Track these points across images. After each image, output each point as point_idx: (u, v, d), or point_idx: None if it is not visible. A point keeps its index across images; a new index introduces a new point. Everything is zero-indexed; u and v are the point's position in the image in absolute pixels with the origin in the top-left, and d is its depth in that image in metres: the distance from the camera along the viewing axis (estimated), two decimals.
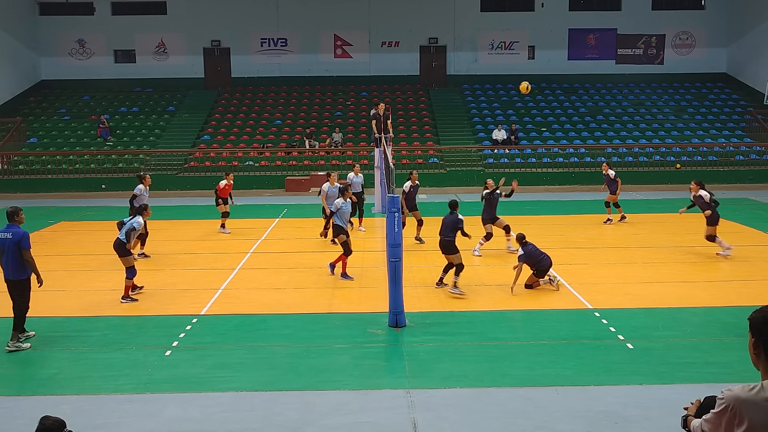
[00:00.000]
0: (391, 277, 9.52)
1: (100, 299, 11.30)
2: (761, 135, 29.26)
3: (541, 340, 9.09)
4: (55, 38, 33.16)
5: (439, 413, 6.98)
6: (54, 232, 17.80)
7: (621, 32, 33.28)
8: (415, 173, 16.17)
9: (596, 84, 33.69)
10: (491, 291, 11.60)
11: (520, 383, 7.69)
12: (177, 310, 10.69)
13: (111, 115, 30.97)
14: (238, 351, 8.87)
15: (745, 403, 2.99)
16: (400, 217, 9.54)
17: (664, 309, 10.42)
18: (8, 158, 27.54)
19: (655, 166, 27.21)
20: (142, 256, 14.22)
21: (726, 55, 33.79)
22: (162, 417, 6.99)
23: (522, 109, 31.58)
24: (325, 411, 7.06)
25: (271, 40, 33.43)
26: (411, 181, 15.78)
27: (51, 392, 7.64)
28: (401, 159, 27.47)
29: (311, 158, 28.09)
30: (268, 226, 18.23)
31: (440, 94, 33.05)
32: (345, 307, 10.75)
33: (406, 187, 15.69)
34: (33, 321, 9.98)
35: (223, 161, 27.44)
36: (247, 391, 7.58)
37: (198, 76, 33.66)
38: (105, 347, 9.03)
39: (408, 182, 15.79)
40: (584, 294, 11.23)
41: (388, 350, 8.94)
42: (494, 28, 33.42)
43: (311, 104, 32.51)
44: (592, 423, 6.73)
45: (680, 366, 8.17)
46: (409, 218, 15.84)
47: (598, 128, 30.03)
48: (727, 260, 13.58)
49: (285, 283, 12.28)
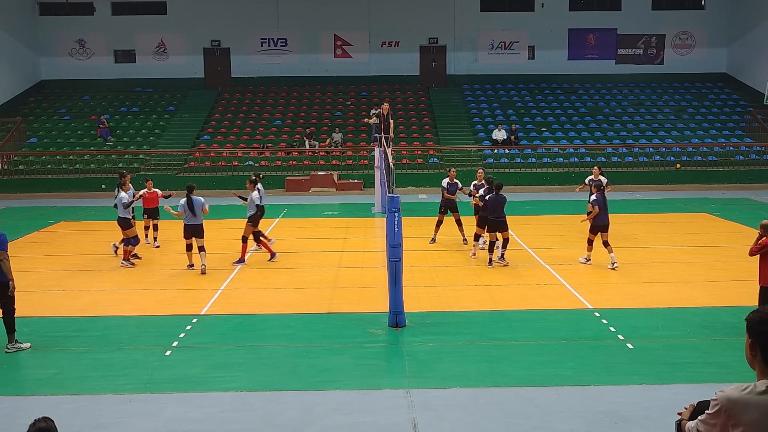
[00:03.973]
0: (391, 277, 9.52)
1: (100, 299, 11.30)
2: (761, 135, 29.26)
3: (541, 340, 9.09)
4: (55, 38, 33.14)
5: (439, 413, 6.98)
6: (54, 232, 17.79)
7: (621, 32, 33.28)
8: (453, 170, 15.56)
9: (596, 84, 33.69)
10: (491, 291, 11.60)
11: (520, 383, 7.69)
12: (177, 310, 10.69)
13: (111, 115, 30.97)
14: (238, 351, 8.87)
15: (737, 403, 2.98)
16: (400, 217, 9.52)
17: (664, 309, 10.42)
18: (8, 158, 27.54)
19: (655, 166, 27.21)
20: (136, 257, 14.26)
21: (726, 55, 33.79)
22: (162, 417, 6.99)
23: (522, 109, 31.59)
24: (325, 411, 7.06)
25: (271, 40, 33.43)
26: (449, 179, 15.23)
27: (51, 392, 7.64)
28: (401, 159, 27.47)
29: (311, 158, 28.10)
30: (268, 226, 18.21)
31: (440, 94, 33.05)
32: (345, 307, 10.75)
33: (444, 183, 15.18)
34: (33, 321, 10.01)
35: (223, 161, 27.45)
36: (247, 391, 7.58)
37: (198, 76, 33.65)
38: (105, 347, 9.03)
39: (446, 179, 15.28)
40: (584, 294, 11.23)
41: (388, 350, 8.94)
42: (494, 28, 33.41)
43: (311, 104, 32.51)
44: (592, 423, 6.73)
45: (680, 366, 8.17)
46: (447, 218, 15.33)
47: (598, 128, 30.03)
48: (726, 260, 13.56)
49: (285, 283, 12.28)
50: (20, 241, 16.11)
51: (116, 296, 11.48)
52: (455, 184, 15.04)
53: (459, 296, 11.30)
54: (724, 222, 17.99)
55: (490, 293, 11.46)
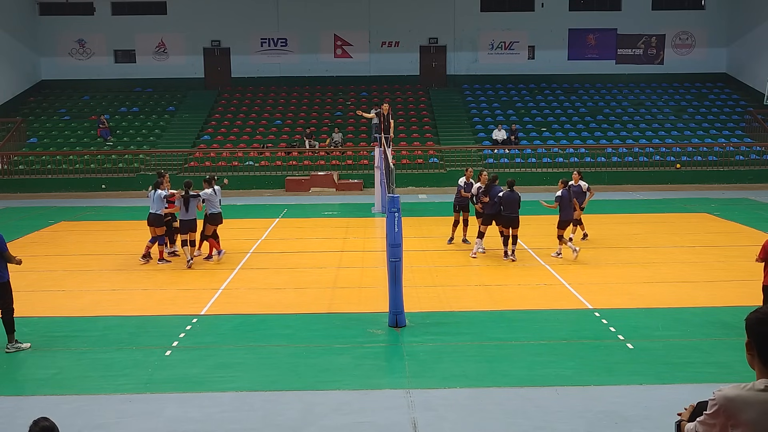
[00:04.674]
0: (391, 277, 9.51)
1: (100, 299, 11.30)
2: (761, 135, 29.26)
3: (541, 340, 9.09)
4: (55, 38, 33.14)
5: (439, 413, 6.98)
6: (54, 232, 17.79)
7: (621, 32, 33.28)
8: (470, 170, 15.43)
9: (596, 84, 33.68)
10: (491, 291, 11.60)
11: (520, 383, 7.69)
12: (177, 310, 10.69)
13: (111, 115, 30.96)
14: (238, 351, 8.87)
15: (736, 402, 2.98)
16: (400, 217, 9.52)
17: (664, 309, 10.42)
18: (8, 158, 27.54)
19: (655, 166, 27.21)
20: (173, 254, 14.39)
21: (726, 55, 33.78)
22: (162, 417, 6.99)
23: (522, 109, 31.59)
24: (325, 411, 7.06)
25: (271, 40, 33.42)
26: (465, 178, 15.10)
27: (51, 392, 7.63)
28: (401, 159, 27.47)
29: (311, 158, 28.10)
30: (268, 226, 18.22)
31: (440, 94, 33.05)
32: (345, 307, 10.75)
33: (461, 182, 15.07)
34: (33, 321, 10.01)
35: (223, 161, 27.45)
36: (247, 391, 7.58)
37: (198, 76, 33.65)
38: (105, 347, 9.03)
39: (462, 178, 15.19)
40: (584, 294, 11.23)
41: (388, 350, 8.94)
42: (494, 28, 33.41)
43: (311, 104, 32.51)
44: (592, 423, 6.73)
45: (680, 366, 8.17)
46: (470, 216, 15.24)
47: (598, 128, 30.03)
48: (726, 260, 13.57)
49: (285, 283, 12.28)
50: (20, 241, 16.11)
51: (116, 296, 11.48)
52: (471, 183, 14.85)
53: (459, 296, 11.30)
54: (724, 222, 17.99)
55: (490, 293, 11.46)
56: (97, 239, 16.52)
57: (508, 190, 13.49)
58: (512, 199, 13.43)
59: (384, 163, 17.93)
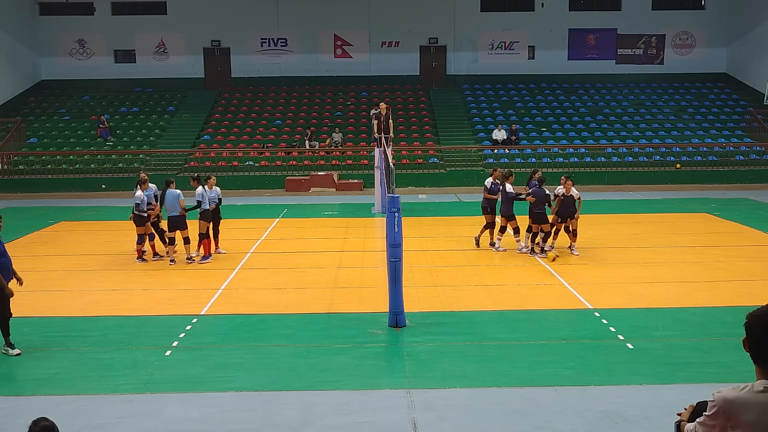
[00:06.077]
0: (391, 277, 9.51)
1: (100, 299, 11.31)
2: (761, 135, 29.26)
3: (541, 340, 9.09)
4: (55, 38, 33.13)
5: (439, 413, 6.98)
6: (54, 232, 17.79)
7: (621, 32, 33.27)
8: (498, 170, 15.03)
9: (596, 84, 33.68)
10: (491, 291, 11.60)
11: (520, 383, 7.69)
12: (177, 310, 10.69)
13: (111, 115, 30.95)
14: (238, 351, 8.87)
15: (735, 403, 2.99)
16: (400, 217, 9.51)
17: (664, 309, 10.42)
18: (8, 158, 27.54)
19: (655, 166, 27.21)
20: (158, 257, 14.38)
21: (726, 55, 33.78)
22: (162, 417, 6.99)
23: (522, 109, 31.58)
24: (325, 411, 7.06)
25: (271, 40, 33.42)
26: (492, 178, 14.79)
27: (51, 392, 7.63)
28: (401, 159, 27.47)
29: (311, 158, 28.10)
30: (268, 226, 18.22)
31: (440, 94, 33.05)
32: (345, 307, 10.75)
33: (488, 183, 14.73)
34: (33, 321, 10.02)
35: (224, 161, 27.45)
36: (247, 391, 7.58)
37: (198, 76, 33.64)
38: (105, 347, 9.03)
39: (489, 178, 14.87)
40: (584, 294, 11.23)
41: (388, 350, 8.94)
42: (494, 28, 33.40)
43: (311, 104, 32.51)
44: (592, 423, 6.73)
45: (680, 366, 8.17)
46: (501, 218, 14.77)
47: (598, 128, 30.03)
48: (726, 260, 13.56)
49: (285, 283, 12.28)
50: (20, 241, 16.10)
51: (116, 296, 11.48)
52: (497, 184, 14.55)
53: (459, 296, 11.30)
54: (724, 222, 17.98)
55: (490, 293, 11.46)
56: (97, 239, 16.52)
57: (538, 188, 14.01)
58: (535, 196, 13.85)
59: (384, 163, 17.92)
